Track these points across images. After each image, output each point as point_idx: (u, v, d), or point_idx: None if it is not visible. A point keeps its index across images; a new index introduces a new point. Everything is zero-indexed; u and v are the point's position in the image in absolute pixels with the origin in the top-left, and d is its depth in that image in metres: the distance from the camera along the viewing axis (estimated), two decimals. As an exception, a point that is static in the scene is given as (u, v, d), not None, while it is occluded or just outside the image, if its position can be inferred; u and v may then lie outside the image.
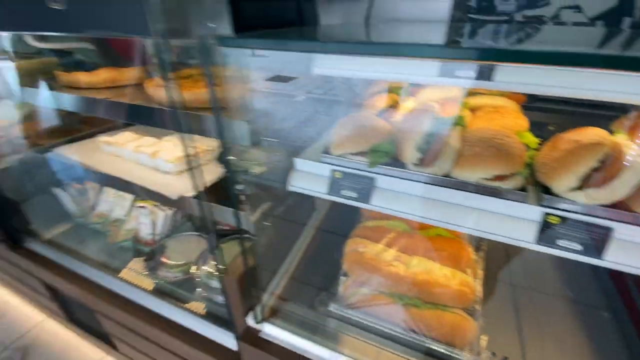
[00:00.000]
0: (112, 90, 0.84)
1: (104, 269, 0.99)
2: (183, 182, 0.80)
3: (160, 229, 1.03)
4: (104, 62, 1.13)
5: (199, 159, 0.87)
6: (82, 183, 1.17)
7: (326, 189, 0.56)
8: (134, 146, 0.89)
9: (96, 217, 1.13)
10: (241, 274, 0.64)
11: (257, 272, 0.66)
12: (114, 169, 0.86)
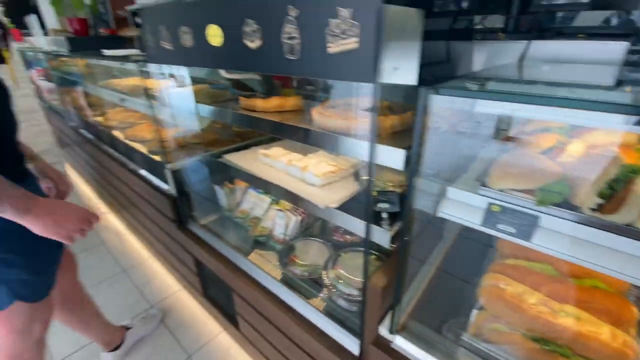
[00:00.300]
0: (278, 114, 1.05)
1: (242, 253, 1.20)
2: (327, 194, 0.93)
3: (291, 231, 1.20)
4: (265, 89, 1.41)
5: (342, 174, 1.01)
6: (233, 183, 1.44)
7: (480, 220, 0.59)
8: (287, 160, 1.08)
9: (240, 213, 1.38)
10: (379, 285, 0.70)
11: (393, 286, 0.72)
12: (270, 177, 1.06)
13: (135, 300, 1.72)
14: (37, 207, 0.70)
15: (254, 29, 0.64)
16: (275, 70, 0.64)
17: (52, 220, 0.72)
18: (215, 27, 0.73)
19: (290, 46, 0.59)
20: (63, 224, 0.74)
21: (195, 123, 1.41)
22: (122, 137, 1.74)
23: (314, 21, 0.53)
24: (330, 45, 0.52)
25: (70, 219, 0.76)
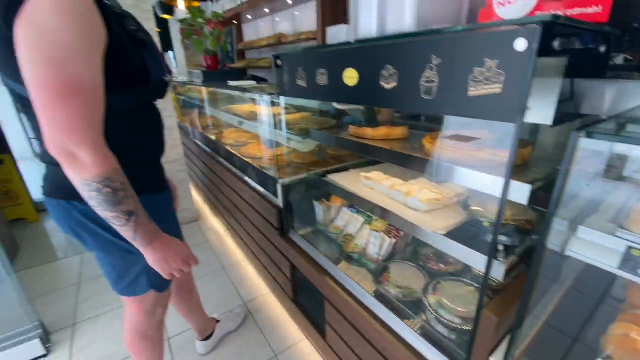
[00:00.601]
0: (386, 142, 1.15)
1: (335, 260, 1.30)
2: (432, 220, 0.98)
3: (384, 251, 1.26)
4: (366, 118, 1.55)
5: (446, 202, 1.05)
6: (329, 200, 1.58)
7: (617, 263, 0.58)
8: (389, 184, 1.17)
9: (334, 228, 1.50)
10: (494, 317, 0.72)
11: (507, 319, 0.72)
12: (372, 199, 1.16)
13: (231, 296, 1.95)
14: (157, 243, 0.81)
15: (391, 73, 0.76)
16: (409, 108, 0.74)
17: (163, 257, 0.83)
18: (352, 70, 0.87)
19: (427, 88, 0.68)
20: (169, 262, 0.85)
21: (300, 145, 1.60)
22: (237, 153, 2.05)
23: (457, 69, 0.62)
24: (471, 90, 0.60)
25: (176, 258, 0.86)
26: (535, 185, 0.68)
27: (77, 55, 0.60)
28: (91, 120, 0.65)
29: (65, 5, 0.58)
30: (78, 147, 0.63)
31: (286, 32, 4.79)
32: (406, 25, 0.71)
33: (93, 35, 0.63)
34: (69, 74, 0.60)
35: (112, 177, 0.68)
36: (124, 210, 0.72)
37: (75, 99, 0.61)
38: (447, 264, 1.21)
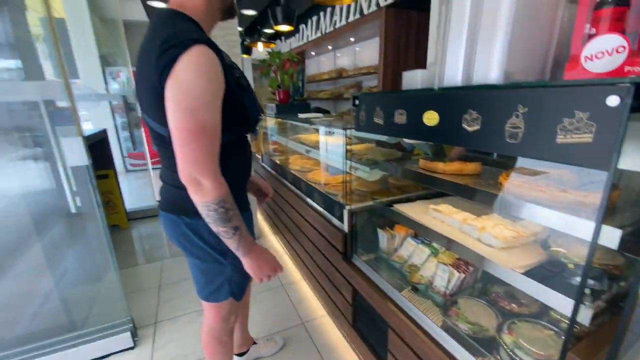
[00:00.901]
0: (457, 177, 1.20)
1: (399, 289, 1.33)
2: (508, 257, 0.99)
3: (452, 286, 1.26)
4: (433, 151, 1.61)
5: (522, 241, 1.05)
6: (393, 229, 1.63)
7: None
8: (462, 218, 1.20)
9: (397, 257, 1.53)
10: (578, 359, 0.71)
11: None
12: (441, 231, 1.19)
13: (289, 314, 2.04)
14: (253, 252, 0.96)
15: (474, 117, 0.83)
16: (492, 149, 0.80)
17: (257, 264, 0.97)
18: (433, 112, 0.96)
19: (512, 133, 0.74)
20: (262, 268, 0.99)
21: (367, 174, 1.69)
22: (303, 178, 2.22)
23: (545, 118, 0.68)
24: (560, 137, 0.65)
25: (267, 266, 1.00)
26: (625, 230, 0.69)
27: (206, 105, 0.77)
28: (212, 155, 0.81)
29: (202, 69, 0.76)
30: (202, 176, 0.80)
31: (346, 67, 5.10)
32: (492, 78, 0.79)
33: (218, 88, 0.80)
34: (200, 120, 0.77)
35: (225, 199, 0.84)
36: (232, 226, 0.87)
37: (202, 139, 0.78)
38: (519, 305, 1.17)
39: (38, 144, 1.78)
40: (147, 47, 0.81)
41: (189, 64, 0.74)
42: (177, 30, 0.77)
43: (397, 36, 3.58)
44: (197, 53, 0.75)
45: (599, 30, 0.69)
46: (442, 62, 0.90)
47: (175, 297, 2.19)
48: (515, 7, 0.72)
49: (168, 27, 0.79)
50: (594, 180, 0.88)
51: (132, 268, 2.61)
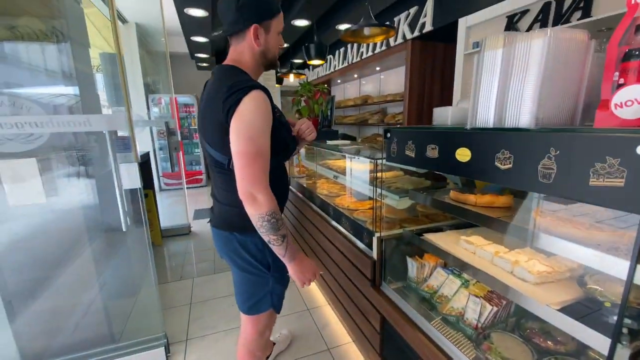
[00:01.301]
0: (488, 209, 1.22)
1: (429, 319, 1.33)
2: (543, 292, 0.99)
3: (484, 319, 1.26)
4: (462, 182, 1.64)
5: (557, 276, 1.05)
6: (422, 258, 1.65)
7: None
8: (494, 250, 1.21)
9: (426, 287, 1.54)
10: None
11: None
12: (474, 263, 1.21)
13: (315, 340, 2.05)
14: (298, 259, 1.11)
15: (507, 157, 0.88)
16: (526, 188, 0.84)
17: (300, 269, 1.12)
18: (465, 149, 1.02)
19: (545, 174, 0.79)
20: (304, 273, 1.14)
21: (396, 202, 1.74)
22: (331, 202, 2.29)
23: (577, 161, 0.72)
24: (593, 180, 0.69)
25: (308, 271, 1.14)
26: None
27: (262, 134, 0.99)
28: (265, 174, 1.00)
29: (260, 109, 0.97)
30: (258, 191, 0.97)
31: (371, 94, 5.26)
32: (523, 122, 0.84)
33: (269, 121, 1.01)
34: (259, 145, 0.97)
35: (275, 211, 1.01)
36: (281, 234, 1.03)
37: (259, 160, 0.97)
38: (555, 342, 1.15)
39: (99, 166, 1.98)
40: (213, 92, 1.03)
41: (250, 104, 0.95)
42: (238, 80, 1.00)
43: (423, 66, 3.69)
44: (256, 96, 0.96)
45: (628, 80, 0.74)
46: (475, 104, 0.96)
47: (205, 315, 2.27)
48: (545, 59, 0.79)
49: (231, 77, 1.02)
50: (628, 216, 0.89)
51: (165, 285, 2.73)
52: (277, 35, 1.11)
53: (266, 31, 1.06)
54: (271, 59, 1.13)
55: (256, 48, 1.07)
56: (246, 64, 1.09)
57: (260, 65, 1.12)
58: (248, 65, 1.09)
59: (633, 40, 0.74)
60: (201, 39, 4.64)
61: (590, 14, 1.83)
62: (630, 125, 0.73)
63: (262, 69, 1.15)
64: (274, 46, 1.11)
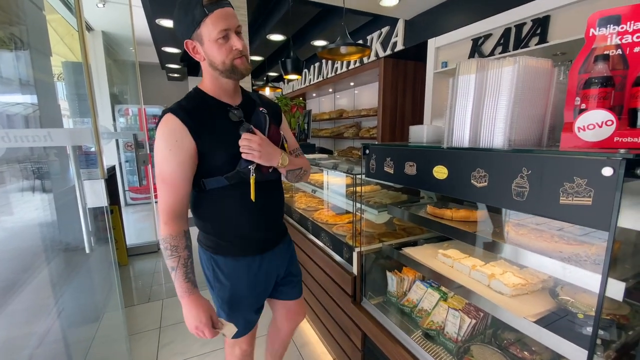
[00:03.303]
0: (464, 224, 1.26)
1: (410, 334, 1.34)
2: (518, 305, 1.03)
3: (464, 332, 1.28)
4: (440, 198, 1.69)
5: (530, 288, 1.09)
6: (401, 272, 1.66)
7: None
8: (471, 264, 1.25)
9: (406, 302, 1.55)
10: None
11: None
12: (452, 276, 1.24)
13: (293, 359, 1.98)
14: (184, 300, 1.01)
15: (482, 175, 0.92)
16: (501, 205, 0.88)
17: (185, 313, 1.03)
18: (442, 167, 1.05)
19: (519, 192, 0.83)
20: (188, 320, 1.04)
21: (375, 217, 1.76)
22: (310, 217, 2.27)
23: (548, 181, 0.76)
24: (562, 199, 0.73)
25: (190, 321, 1.03)
26: (629, 283, 0.75)
27: (164, 160, 0.97)
28: (166, 199, 0.99)
29: (163, 135, 0.97)
30: (159, 215, 1.01)
31: (345, 107, 5.36)
32: (497, 143, 0.89)
33: (175, 147, 0.97)
34: (160, 171, 0.98)
35: (166, 238, 0.98)
36: (170, 265, 1.00)
37: (162, 186, 0.99)
38: (531, 352, 1.19)
39: (57, 180, 1.83)
40: None
41: (159, 130, 0.97)
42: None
43: (395, 83, 3.84)
44: (164, 121, 0.97)
45: (589, 106, 0.80)
46: (451, 125, 1.00)
47: (177, 339, 2.13)
48: (515, 85, 0.84)
49: None
50: (595, 232, 0.96)
51: (131, 308, 2.54)
52: (215, 42, 0.94)
53: (200, 42, 0.96)
54: (222, 68, 0.98)
55: (204, 63, 1.01)
56: (205, 80, 1.06)
57: (217, 78, 1.03)
58: (205, 80, 1.06)
59: (592, 69, 0.80)
60: (173, 49, 4.53)
61: (547, 40, 2.00)
62: (592, 147, 0.79)
63: (224, 79, 1.03)
64: (218, 53, 0.95)
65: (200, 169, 1.02)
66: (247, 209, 1.10)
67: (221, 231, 1.12)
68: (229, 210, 1.10)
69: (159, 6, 3.21)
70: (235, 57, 0.97)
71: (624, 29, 0.80)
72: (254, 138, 1.00)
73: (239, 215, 1.11)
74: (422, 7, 3.06)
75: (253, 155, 1.00)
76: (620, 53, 0.80)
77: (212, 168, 1.02)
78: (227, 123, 1.03)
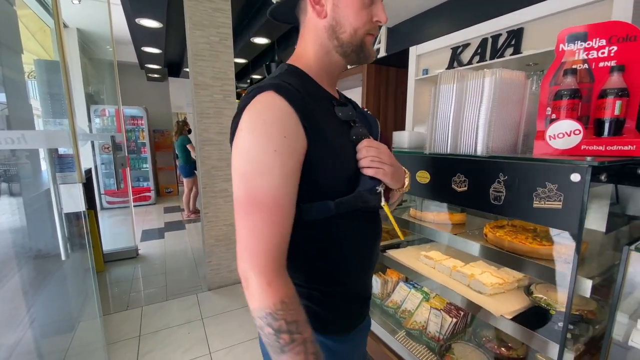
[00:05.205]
0: (444, 226, 1.31)
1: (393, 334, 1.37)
2: (496, 303, 1.08)
3: (445, 330, 1.32)
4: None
5: (507, 287, 1.15)
6: (385, 274, 1.70)
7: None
8: (452, 265, 1.30)
9: (390, 303, 1.59)
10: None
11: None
12: (434, 277, 1.28)
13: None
14: None
15: (462, 180, 0.97)
16: (479, 209, 0.92)
17: None
18: (425, 172, 1.10)
19: (496, 196, 0.87)
20: None
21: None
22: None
23: (522, 186, 0.81)
24: (535, 203, 0.78)
25: None
26: (595, 281, 0.80)
27: (265, 169, 0.54)
28: (268, 240, 0.54)
29: (265, 123, 0.55)
30: (251, 270, 0.53)
31: (329, 111, 5.39)
32: (475, 150, 0.93)
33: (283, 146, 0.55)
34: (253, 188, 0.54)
35: (277, 314, 0.52)
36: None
37: (257, 215, 0.54)
38: (507, 348, 1.25)
39: (28, 184, 1.75)
40: None
41: (249, 116, 0.55)
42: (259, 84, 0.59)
43: (378, 88, 3.92)
44: (260, 102, 0.55)
45: (559, 116, 0.86)
46: (433, 132, 1.04)
47: (156, 347, 2.07)
48: (492, 95, 0.89)
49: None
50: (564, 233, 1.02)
51: (108, 316, 2.45)
52: (360, 3, 0.62)
53: None
54: (347, 39, 0.64)
55: (319, 23, 0.64)
56: (306, 54, 0.67)
57: (328, 52, 0.66)
58: (307, 53, 0.67)
59: (561, 82, 0.86)
60: (153, 49, 4.43)
61: (520, 51, 2.11)
62: (562, 154, 0.85)
63: (338, 57, 0.67)
64: (355, 16, 0.63)
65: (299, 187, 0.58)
66: (360, 254, 0.70)
67: (329, 291, 0.66)
68: (336, 254, 0.66)
69: (139, 5, 3.14)
70: (370, 31, 0.65)
71: (590, 45, 0.86)
72: (382, 147, 0.66)
73: (350, 263, 0.68)
74: (404, 15, 3.15)
75: (384, 172, 0.64)
76: (587, 67, 0.87)
77: (318, 187, 0.60)
78: (336, 122, 0.64)
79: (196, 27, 2.39)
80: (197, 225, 4.83)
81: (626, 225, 0.93)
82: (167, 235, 4.38)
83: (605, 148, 0.81)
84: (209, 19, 2.42)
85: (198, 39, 2.41)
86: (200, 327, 2.25)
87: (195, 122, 2.53)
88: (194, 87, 2.46)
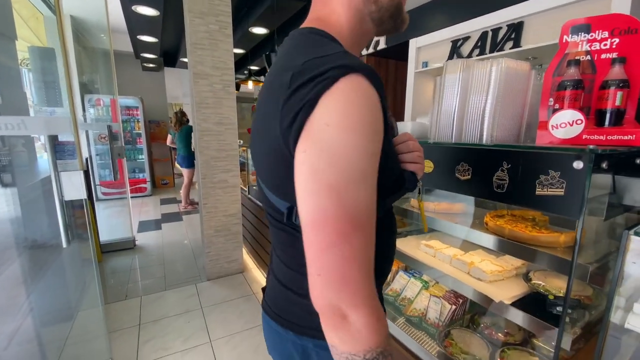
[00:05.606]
0: (446, 215, 1.34)
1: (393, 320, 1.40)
2: (496, 290, 1.11)
3: (445, 317, 1.36)
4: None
5: (506, 274, 1.18)
6: (385, 264, 1.73)
7: (678, 340, 0.70)
8: (452, 253, 1.32)
9: (390, 291, 1.62)
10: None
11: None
12: (435, 265, 1.31)
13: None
14: None
15: (465, 168, 0.98)
16: (481, 196, 0.94)
17: None
18: (428, 161, 1.11)
19: (499, 184, 0.89)
20: None
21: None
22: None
23: (525, 174, 0.83)
24: (538, 190, 0.80)
25: None
26: (593, 267, 0.83)
27: (362, 177, 0.43)
28: (366, 267, 0.44)
29: (363, 119, 0.43)
30: (350, 306, 0.43)
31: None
32: (480, 139, 0.95)
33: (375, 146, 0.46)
34: (349, 204, 0.42)
35: (385, 352, 0.45)
36: None
37: (354, 238, 0.43)
38: (505, 334, 1.28)
39: (22, 172, 1.73)
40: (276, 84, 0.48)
41: (334, 110, 0.42)
42: (318, 55, 0.46)
43: (377, 80, 3.92)
44: (352, 88, 0.42)
45: (562, 106, 0.88)
46: (437, 121, 1.06)
47: (156, 336, 2.09)
48: (497, 85, 0.90)
49: (306, 51, 0.48)
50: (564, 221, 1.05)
51: (108, 305, 2.45)
52: None
53: None
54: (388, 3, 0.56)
55: None
56: (338, 25, 0.55)
57: (362, 19, 0.56)
58: (340, 25, 0.55)
59: (565, 72, 0.88)
60: (150, 38, 4.36)
61: (520, 44, 2.12)
62: (564, 143, 0.87)
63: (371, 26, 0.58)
64: None
65: None
66: (392, 249, 0.67)
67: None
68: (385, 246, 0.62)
69: (136, -8, 3.08)
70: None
71: (593, 37, 0.88)
72: (415, 140, 0.63)
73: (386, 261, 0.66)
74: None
75: (422, 168, 0.62)
76: (590, 59, 0.89)
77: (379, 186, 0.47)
78: None
79: (195, 14, 2.35)
80: (194, 216, 4.83)
81: (622, 215, 0.96)
82: (164, 226, 4.37)
83: (606, 138, 0.83)
84: (208, 6, 2.38)
85: (197, 27, 2.38)
86: (200, 317, 2.27)
87: (194, 112, 2.51)
88: (193, 76, 2.43)
